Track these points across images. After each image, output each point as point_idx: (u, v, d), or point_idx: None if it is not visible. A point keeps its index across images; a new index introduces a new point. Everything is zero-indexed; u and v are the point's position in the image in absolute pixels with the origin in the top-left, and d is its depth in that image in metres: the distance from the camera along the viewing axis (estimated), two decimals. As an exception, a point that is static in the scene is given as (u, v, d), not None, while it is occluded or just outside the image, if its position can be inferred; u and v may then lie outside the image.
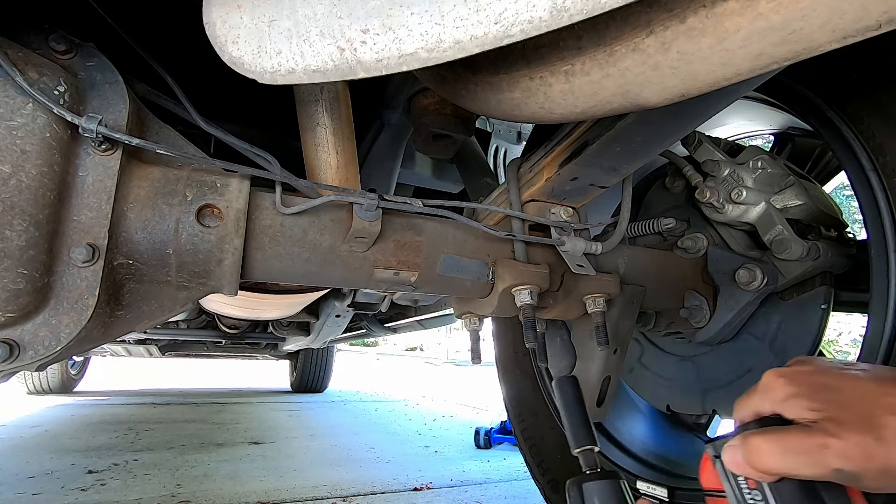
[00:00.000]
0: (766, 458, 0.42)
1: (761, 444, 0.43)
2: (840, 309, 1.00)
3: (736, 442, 0.45)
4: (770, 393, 0.47)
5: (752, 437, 0.44)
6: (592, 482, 0.70)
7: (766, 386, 0.48)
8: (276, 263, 0.70)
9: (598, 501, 0.69)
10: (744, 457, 0.44)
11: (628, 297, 0.96)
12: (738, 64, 0.42)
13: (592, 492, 0.70)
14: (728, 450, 0.46)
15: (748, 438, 0.44)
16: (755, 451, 0.43)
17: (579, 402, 0.78)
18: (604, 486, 0.69)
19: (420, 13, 0.39)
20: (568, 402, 0.79)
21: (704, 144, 1.00)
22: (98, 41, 0.64)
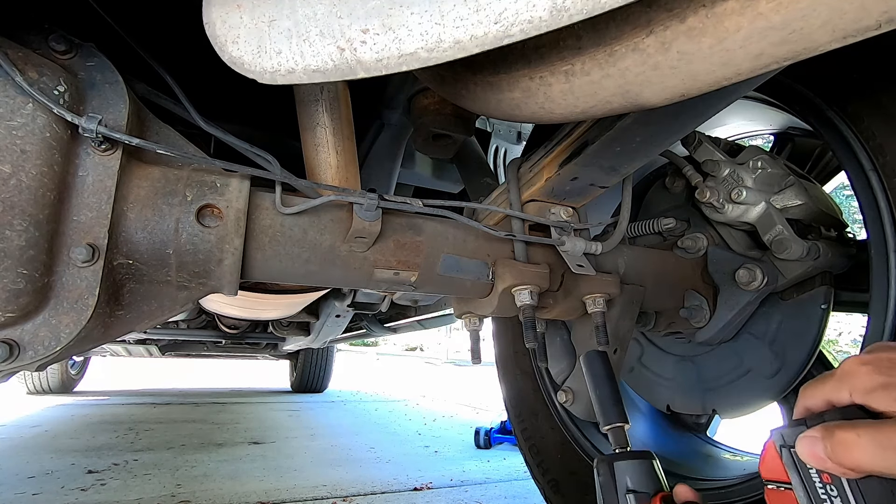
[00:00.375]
0: (856, 454, 0.38)
1: (851, 437, 0.39)
2: (840, 309, 1.00)
3: (816, 433, 0.41)
4: (852, 381, 0.43)
5: (839, 429, 0.40)
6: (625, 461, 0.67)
7: (847, 373, 0.43)
8: (276, 263, 0.70)
9: (631, 481, 0.65)
10: (827, 450, 0.40)
11: (628, 297, 0.96)
12: (738, 64, 0.42)
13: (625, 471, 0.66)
14: (806, 440, 0.42)
15: (834, 431, 0.40)
16: (843, 445, 0.39)
17: (609, 377, 0.75)
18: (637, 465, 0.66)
19: (420, 13, 0.39)
20: (597, 376, 0.76)
21: (704, 144, 1.00)
22: (98, 41, 0.64)
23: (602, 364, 0.76)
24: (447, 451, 2.95)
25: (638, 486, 0.65)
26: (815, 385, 0.46)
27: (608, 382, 0.75)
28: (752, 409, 1.02)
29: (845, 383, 0.43)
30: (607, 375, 0.75)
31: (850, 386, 0.42)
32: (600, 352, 0.77)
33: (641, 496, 0.64)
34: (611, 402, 0.74)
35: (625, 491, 0.66)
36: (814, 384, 0.47)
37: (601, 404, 0.74)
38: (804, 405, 0.47)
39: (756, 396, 1.01)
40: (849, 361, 0.44)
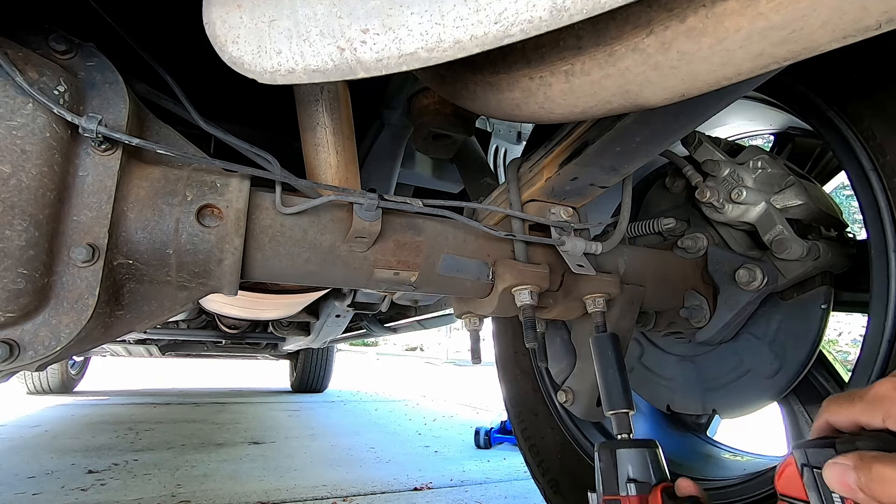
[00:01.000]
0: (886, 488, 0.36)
1: (891, 474, 0.36)
2: (840, 309, 1.00)
3: (849, 461, 0.39)
4: (887, 406, 0.40)
5: (877, 462, 0.37)
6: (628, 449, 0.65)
7: (883, 398, 0.41)
8: (276, 263, 0.70)
9: (633, 470, 0.64)
10: (861, 482, 0.38)
11: (628, 297, 0.96)
12: (738, 64, 0.42)
13: (627, 459, 0.65)
14: (836, 468, 0.39)
15: (872, 463, 0.37)
16: (881, 480, 0.36)
17: (618, 361, 0.74)
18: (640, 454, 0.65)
19: (420, 13, 0.39)
20: (605, 360, 0.74)
21: (704, 144, 1.00)
22: (98, 41, 0.64)
23: (612, 348, 0.75)
24: (447, 451, 2.95)
25: (640, 475, 0.64)
26: (842, 402, 0.44)
27: (616, 367, 0.73)
28: (752, 409, 1.02)
29: (879, 408, 0.41)
30: (616, 360, 0.74)
31: (885, 411, 0.40)
32: (612, 335, 0.76)
33: (643, 486, 0.63)
34: (618, 386, 0.72)
35: (626, 479, 0.64)
36: (840, 400, 0.44)
37: (607, 388, 0.72)
38: (828, 420, 0.45)
39: (756, 396, 1.01)
40: (884, 385, 0.42)
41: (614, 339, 0.75)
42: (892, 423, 0.39)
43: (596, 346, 0.75)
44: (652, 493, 0.62)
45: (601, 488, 0.66)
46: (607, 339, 0.75)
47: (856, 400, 0.43)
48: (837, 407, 0.44)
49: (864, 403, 0.42)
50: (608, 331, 0.86)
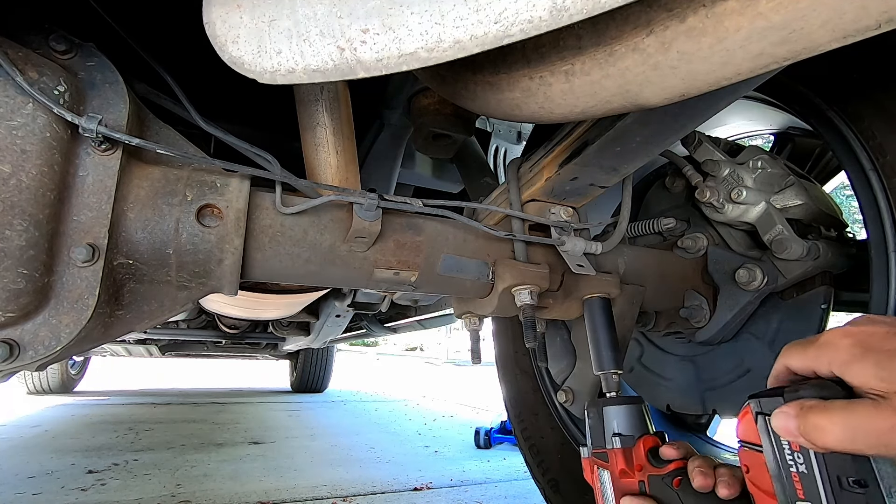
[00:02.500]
0: (827, 436, 0.39)
1: (824, 420, 0.39)
2: (840, 309, 1.00)
3: (791, 410, 0.42)
4: (832, 353, 0.43)
5: (812, 411, 0.40)
6: (614, 406, 0.69)
7: (829, 344, 0.43)
8: (276, 263, 0.70)
9: (618, 425, 0.67)
10: (800, 428, 0.41)
11: (628, 297, 0.96)
12: (738, 64, 0.42)
13: (613, 415, 0.68)
14: (781, 416, 0.43)
15: (808, 412, 0.41)
16: (815, 426, 0.40)
17: (608, 324, 0.77)
18: (625, 409, 0.68)
19: (420, 13, 0.39)
20: (596, 323, 0.77)
21: (704, 144, 1.00)
22: (98, 41, 0.64)
23: (603, 310, 0.78)
24: (447, 451, 2.95)
25: (625, 429, 0.68)
26: (799, 348, 0.47)
27: (607, 329, 0.76)
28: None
29: (825, 354, 0.43)
30: (607, 322, 0.77)
31: (830, 357, 0.43)
32: (603, 298, 0.78)
33: (627, 439, 0.67)
34: (608, 348, 0.75)
35: (612, 433, 0.68)
36: (798, 346, 0.47)
37: (597, 349, 0.75)
38: (785, 364, 0.48)
39: (756, 396, 1.01)
40: (831, 332, 0.44)
41: (605, 303, 0.77)
42: (836, 369, 0.42)
43: (588, 309, 0.78)
44: (636, 446, 0.66)
45: (590, 443, 0.71)
46: (599, 302, 0.78)
47: (808, 347, 0.45)
48: (796, 353, 0.47)
49: (815, 350, 0.45)
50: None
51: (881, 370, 0.38)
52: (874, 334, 0.41)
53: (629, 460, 0.66)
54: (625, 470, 0.65)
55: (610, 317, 0.77)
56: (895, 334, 0.41)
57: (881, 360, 0.39)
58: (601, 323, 0.77)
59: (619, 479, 0.66)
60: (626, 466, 0.65)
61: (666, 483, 0.60)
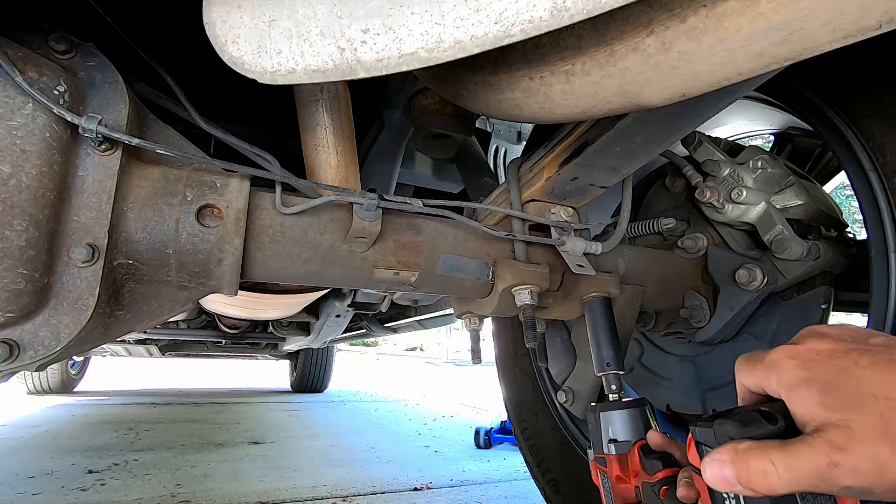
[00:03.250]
0: (771, 482, 0.36)
1: (766, 467, 0.36)
2: (840, 309, 1.00)
3: (725, 456, 0.38)
4: (778, 373, 0.40)
5: (752, 457, 0.37)
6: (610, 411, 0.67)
7: (775, 364, 0.41)
8: (275, 263, 0.70)
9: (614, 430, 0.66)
10: (738, 476, 0.37)
11: (628, 297, 0.96)
12: (738, 64, 0.42)
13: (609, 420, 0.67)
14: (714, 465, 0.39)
15: (748, 458, 0.37)
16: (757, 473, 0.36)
17: (609, 324, 0.76)
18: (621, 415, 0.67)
19: (420, 13, 0.39)
20: (596, 323, 0.76)
21: (704, 144, 1.00)
22: (98, 41, 0.64)
23: (603, 310, 0.77)
24: (447, 451, 2.95)
25: (621, 434, 0.67)
26: (747, 365, 0.44)
27: (608, 329, 0.75)
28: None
29: (772, 374, 0.41)
30: (608, 322, 0.76)
31: (777, 379, 0.40)
32: (604, 298, 0.77)
33: (622, 445, 0.66)
34: (609, 347, 0.74)
35: (608, 439, 0.67)
36: (746, 363, 0.45)
37: (598, 349, 0.74)
38: (741, 382, 0.45)
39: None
40: (778, 351, 0.42)
41: (606, 303, 0.76)
42: (782, 392, 0.39)
43: (588, 309, 0.77)
44: (631, 452, 0.65)
45: (594, 448, 0.70)
46: (599, 303, 0.77)
47: (757, 365, 0.43)
48: (747, 370, 0.44)
49: (763, 369, 0.42)
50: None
51: (824, 396, 0.36)
52: (819, 353, 0.39)
53: (624, 467, 0.65)
54: (620, 476, 0.65)
55: (611, 316, 0.76)
56: (841, 352, 0.38)
57: (825, 385, 0.37)
58: (602, 323, 0.76)
59: (616, 485, 0.65)
60: (622, 473, 0.65)
61: (654, 491, 0.59)
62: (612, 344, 0.74)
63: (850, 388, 0.35)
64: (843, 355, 0.38)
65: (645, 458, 0.63)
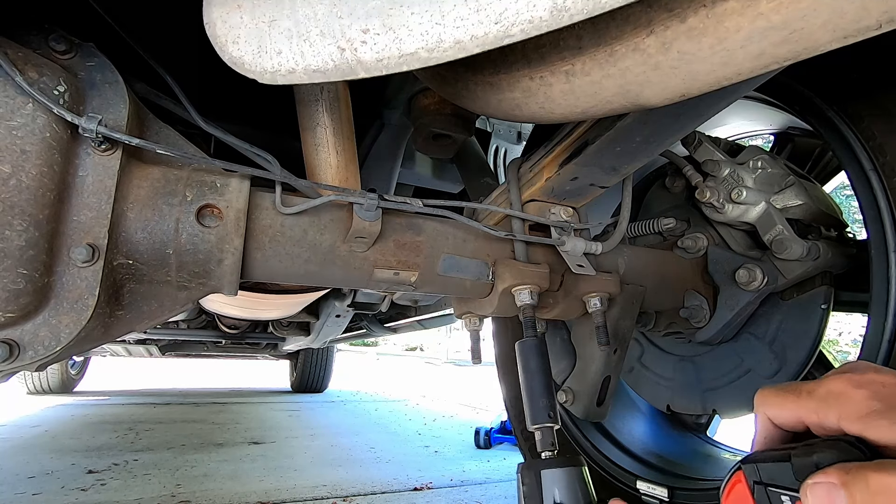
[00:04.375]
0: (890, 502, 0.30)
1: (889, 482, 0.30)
2: (840, 309, 1.00)
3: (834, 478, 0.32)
4: (845, 406, 0.36)
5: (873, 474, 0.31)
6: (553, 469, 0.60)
7: (839, 395, 0.36)
8: (276, 263, 0.70)
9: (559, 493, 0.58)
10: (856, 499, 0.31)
11: (628, 297, 0.96)
12: (738, 64, 0.42)
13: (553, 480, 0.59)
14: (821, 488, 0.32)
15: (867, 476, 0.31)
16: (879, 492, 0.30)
17: (543, 370, 0.67)
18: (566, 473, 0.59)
19: (420, 13, 0.39)
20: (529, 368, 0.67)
21: (704, 144, 1.00)
22: (98, 41, 0.64)
23: (536, 355, 0.68)
24: (447, 451, 2.95)
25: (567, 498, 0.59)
26: (786, 395, 0.40)
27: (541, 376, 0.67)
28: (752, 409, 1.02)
29: (833, 406, 0.36)
30: (541, 368, 0.67)
31: (841, 411, 0.36)
32: (539, 339, 0.69)
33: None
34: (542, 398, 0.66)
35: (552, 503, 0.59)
36: (785, 395, 0.40)
37: (530, 400, 0.66)
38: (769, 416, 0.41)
39: (756, 396, 1.01)
40: (837, 381, 0.37)
41: (540, 345, 0.68)
42: (851, 425, 0.35)
43: (520, 353, 0.68)
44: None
45: None
46: (531, 346, 0.68)
47: (803, 395, 0.38)
48: (780, 401, 0.40)
49: (816, 401, 0.37)
50: (608, 330, 0.87)
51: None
52: (886, 385, 0.36)
53: None
54: None
55: (546, 361, 0.67)
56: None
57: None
58: (535, 370, 0.67)
59: None
60: None
61: None
62: (546, 393, 0.65)
63: None
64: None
65: None
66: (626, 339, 1.00)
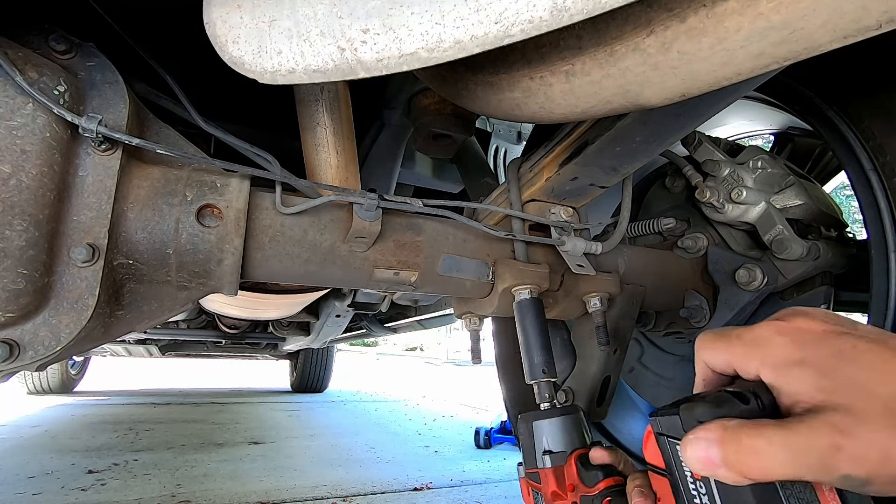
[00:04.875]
0: (758, 461, 0.31)
1: (756, 442, 0.31)
2: (840, 309, 1.00)
3: (712, 434, 0.33)
4: (765, 351, 0.36)
5: (745, 434, 0.32)
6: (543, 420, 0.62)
7: (762, 340, 0.36)
8: (276, 263, 0.70)
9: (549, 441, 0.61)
10: (725, 456, 0.32)
11: (628, 297, 0.96)
12: (738, 64, 0.42)
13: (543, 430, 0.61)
14: (697, 444, 0.34)
15: (740, 435, 0.32)
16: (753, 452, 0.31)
17: (541, 328, 0.69)
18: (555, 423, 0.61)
19: (420, 13, 0.39)
20: (526, 325, 0.70)
21: (704, 144, 1.00)
22: (98, 41, 0.64)
23: (533, 311, 0.70)
24: (447, 451, 2.95)
25: (556, 445, 0.62)
26: (721, 342, 0.39)
27: (538, 332, 0.69)
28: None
29: (758, 353, 0.36)
30: (538, 324, 0.70)
31: (762, 357, 0.36)
32: (534, 299, 0.72)
33: (558, 456, 0.61)
34: (542, 353, 0.68)
35: (542, 451, 0.62)
36: (718, 340, 0.40)
37: (529, 355, 0.68)
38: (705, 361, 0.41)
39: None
40: (764, 326, 0.37)
41: (537, 304, 0.71)
42: (767, 373, 0.35)
43: (518, 312, 0.70)
44: (567, 463, 0.60)
45: (525, 462, 0.65)
46: (529, 304, 0.71)
47: (734, 340, 0.38)
48: (713, 346, 0.40)
49: (743, 346, 0.37)
50: (608, 330, 0.87)
51: (822, 378, 0.32)
52: (811, 333, 0.35)
53: (560, 480, 0.59)
54: (556, 492, 0.59)
55: (541, 318, 0.69)
56: (834, 334, 0.34)
57: (823, 366, 0.33)
58: (531, 324, 0.69)
59: (551, 501, 0.60)
60: (558, 488, 0.59)
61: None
62: (544, 348, 0.68)
63: (850, 373, 0.32)
64: (836, 337, 0.34)
65: (583, 469, 0.57)
66: (626, 339, 1.00)
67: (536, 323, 0.70)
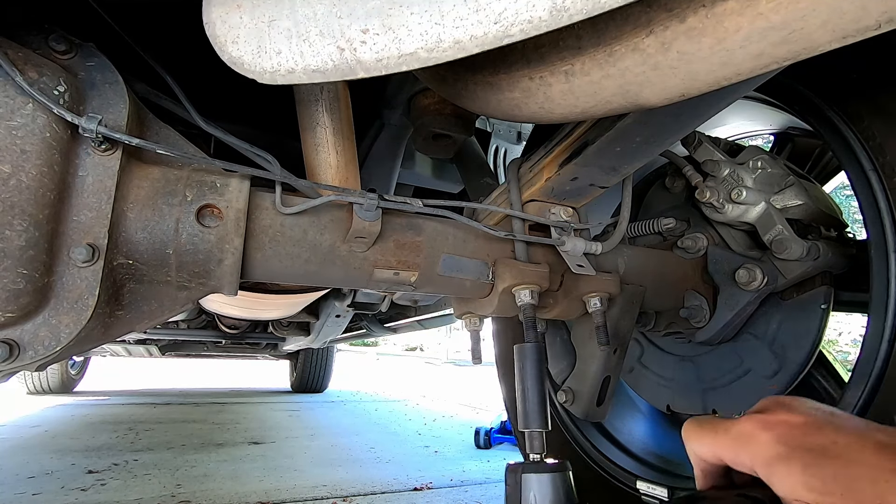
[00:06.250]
0: None
1: None
2: (840, 309, 1.00)
3: None
4: (751, 448, 0.37)
5: None
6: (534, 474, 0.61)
7: (747, 437, 0.37)
8: (275, 263, 0.70)
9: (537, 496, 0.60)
10: None
11: (628, 297, 0.96)
12: (738, 64, 0.42)
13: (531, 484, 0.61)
14: None
15: None
16: None
17: (539, 375, 0.69)
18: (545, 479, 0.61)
19: (420, 13, 0.39)
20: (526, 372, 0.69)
21: (704, 144, 1.00)
22: (98, 41, 0.64)
23: (535, 359, 0.70)
24: (447, 451, 2.95)
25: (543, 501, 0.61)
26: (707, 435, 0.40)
27: (536, 381, 0.69)
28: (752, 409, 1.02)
29: (745, 448, 0.37)
30: (538, 373, 0.69)
31: (750, 453, 0.36)
32: (538, 345, 0.72)
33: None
34: (534, 402, 0.68)
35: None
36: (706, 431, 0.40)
37: (524, 403, 0.68)
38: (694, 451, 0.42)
39: (756, 396, 1.01)
40: (747, 422, 0.38)
41: (539, 351, 0.70)
42: (761, 470, 0.35)
43: (518, 356, 0.70)
44: None
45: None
46: (529, 350, 0.70)
47: (720, 433, 0.39)
48: (699, 437, 0.41)
49: (731, 441, 0.38)
50: (608, 330, 0.87)
51: (810, 478, 0.33)
52: (792, 427, 0.36)
53: None
54: None
55: (541, 365, 0.69)
56: (812, 428, 0.35)
57: (806, 462, 0.33)
58: (531, 370, 0.68)
59: None
60: None
61: None
62: (541, 396, 0.67)
63: (834, 470, 0.33)
64: (817, 431, 0.35)
65: None
66: (626, 339, 1.00)
67: (536, 370, 0.69)
